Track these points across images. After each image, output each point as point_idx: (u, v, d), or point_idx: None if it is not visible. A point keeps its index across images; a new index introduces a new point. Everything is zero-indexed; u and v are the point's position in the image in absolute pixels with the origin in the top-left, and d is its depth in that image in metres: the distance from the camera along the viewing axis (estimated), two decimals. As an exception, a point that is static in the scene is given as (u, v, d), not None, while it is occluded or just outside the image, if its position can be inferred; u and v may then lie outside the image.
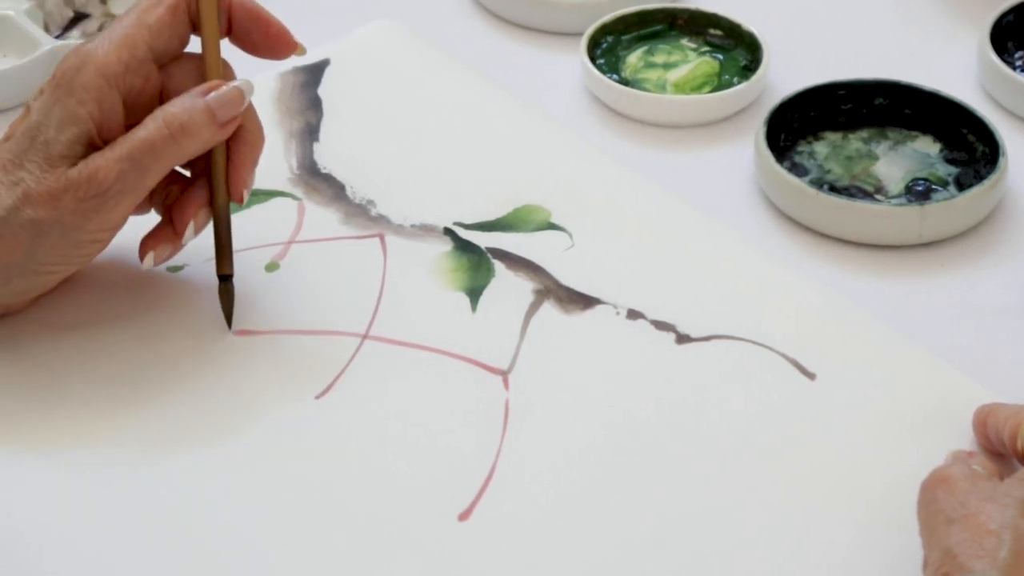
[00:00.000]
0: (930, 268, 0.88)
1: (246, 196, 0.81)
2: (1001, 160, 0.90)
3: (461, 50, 1.04)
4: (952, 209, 0.89)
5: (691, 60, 1.02)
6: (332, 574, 0.71)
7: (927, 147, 0.95)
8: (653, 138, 0.98)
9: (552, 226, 0.89)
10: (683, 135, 0.98)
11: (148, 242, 0.81)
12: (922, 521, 0.69)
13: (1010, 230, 0.90)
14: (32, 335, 0.82)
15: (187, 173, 0.83)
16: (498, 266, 0.87)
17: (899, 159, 0.94)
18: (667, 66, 1.01)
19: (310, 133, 0.96)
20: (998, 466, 0.72)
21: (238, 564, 0.72)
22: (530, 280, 0.86)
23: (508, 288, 0.85)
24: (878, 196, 0.91)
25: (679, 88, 1.00)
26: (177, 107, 0.77)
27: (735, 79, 1.00)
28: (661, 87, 1.00)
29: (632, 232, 0.88)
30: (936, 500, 0.68)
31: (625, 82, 1.00)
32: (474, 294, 0.85)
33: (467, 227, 0.89)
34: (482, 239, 0.88)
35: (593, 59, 1.01)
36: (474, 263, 0.87)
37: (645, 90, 0.99)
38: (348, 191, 0.92)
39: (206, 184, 0.81)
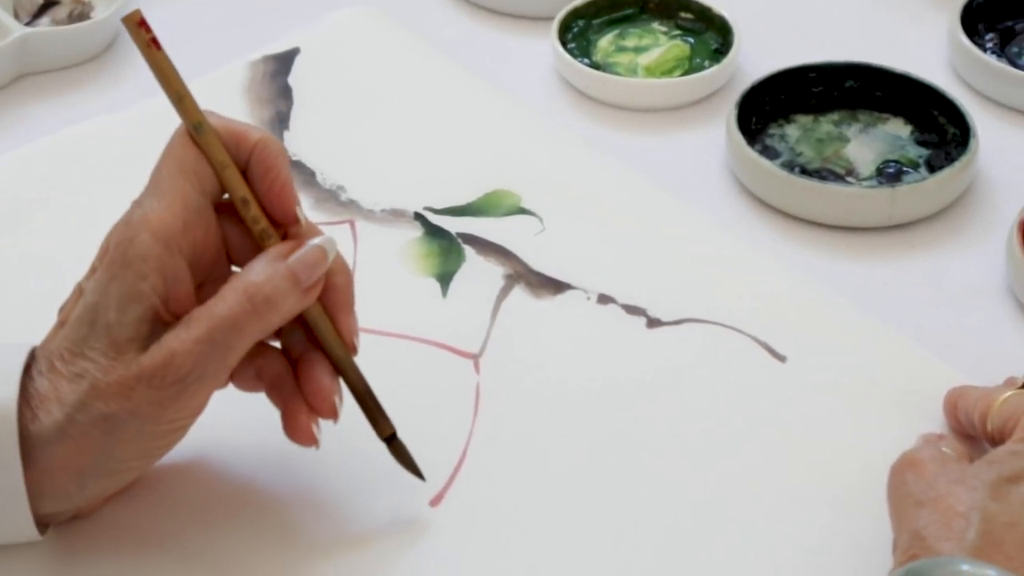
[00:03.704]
0: (901, 250, 0.88)
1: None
2: (972, 142, 0.90)
3: (431, 34, 1.03)
4: (923, 191, 0.89)
5: (662, 44, 1.02)
6: (302, 560, 0.71)
7: (898, 129, 0.95)
8: (624, 122, 0.97)
9: (522, 211, 0.89)
10: (654, 119, 0.98)
11: (302, 430, 0.71)
12: (891, 504, 0.69)
13: (981, 212, 0.90)
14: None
15: (276, 344, 0.73)
16: (468, 251, 0.87)
17: (870, 141, 0.94)
18: (638, 50, 1.01)
19: (280, 121, 0.95)
20: (968, 448, 0.73)
21: (213, 544, 0.72)
22: (500, 265, 0.86)
23: (478, 273, 0.85)
24: (849, 179, 0.91)
25: (650, 72, 1.00)
26: (259, 276, 0.67)
27: (706, 62, 0.99)
28: (632, 71, 1.00)
29: (603, 216, 0.88)
30: (905, 483, 0.68)
31: (596, 66, 0.99)
32: (444, 279, 0.85)
33: (437, 212, 0.89)
34: (452, 224, 0.88)
35: (564, 43, 1.00)
36: (444, 248, 0.87)
37: (616, 74, 0.99)
38: (318, 177, 0.92)
39: (317, 353, 0.71)
